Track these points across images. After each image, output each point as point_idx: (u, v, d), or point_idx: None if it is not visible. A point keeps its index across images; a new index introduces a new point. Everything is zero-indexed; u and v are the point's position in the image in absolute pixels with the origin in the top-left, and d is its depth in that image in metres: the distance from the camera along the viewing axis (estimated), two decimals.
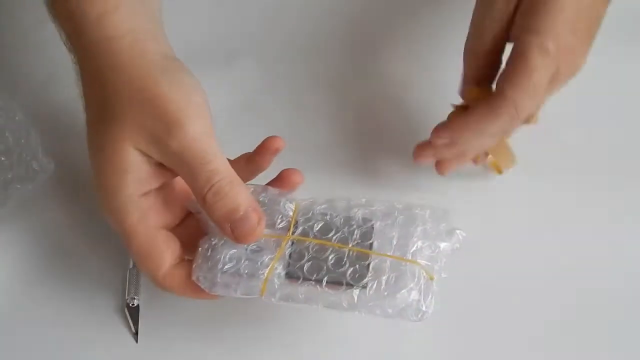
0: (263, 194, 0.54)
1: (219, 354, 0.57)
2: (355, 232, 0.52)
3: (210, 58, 0.62)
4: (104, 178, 0.51)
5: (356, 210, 0.53)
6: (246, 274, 0.51)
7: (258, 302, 0.57)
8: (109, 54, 0.52)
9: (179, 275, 0.52)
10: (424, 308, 0.50)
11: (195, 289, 0.52)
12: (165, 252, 0.52)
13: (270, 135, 0.56)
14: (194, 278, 0.52)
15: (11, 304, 0.59)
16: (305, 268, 0.51)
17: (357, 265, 0.51)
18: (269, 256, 0.51)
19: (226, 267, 0.51)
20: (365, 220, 0.53)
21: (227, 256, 0.51)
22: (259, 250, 0.52)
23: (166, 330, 0.58)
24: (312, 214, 0.53)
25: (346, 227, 0.52)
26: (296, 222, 0.53)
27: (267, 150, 0.56)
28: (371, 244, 0.52)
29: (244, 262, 0.51)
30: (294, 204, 0.54)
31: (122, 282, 0.59)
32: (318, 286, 0.50)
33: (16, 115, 0.62)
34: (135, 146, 0.50)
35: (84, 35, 0.53)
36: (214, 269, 0.51)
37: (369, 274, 0.50)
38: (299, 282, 0.51)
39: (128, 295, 0.58)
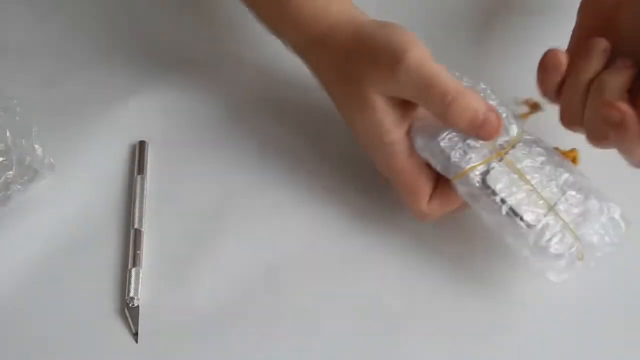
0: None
1: (219, 354, 0.57)
2: (549, 187, 0.56)
3: (209, 58, 0.62)
4: (367, 133, 0.57)
5: (562, 169, 0.57)
6: (455, 156, 0.55)
7: (258, 302, 0.57)
8: (343, 32, 0.58)
9: (438, 201, 0.58)
10: (566, 275, 0.54)
11: (451, 203, 0.58)
12: (428, 184, 0.58)
13: (269, 135, 0.56)
14: (413, 127, 0.57)
15: (10, 304, 0.59)
16: (500, 184, 0.55)
17: (536, 211, 0.54)
18: (478, 156, 0.55)
19: (442, 143, 0.56)
20: (564, 183, 0.56)
21: (450, 134, 0.56)
22: (472, 147, 0.56)
23: (166, 330, 0.58)
24: (530, 151, 0.57)
25: (546, 178, 0.56)
26: (513, 146, 0.57)
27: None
28: (555, 204, 0.55)
29: (457, 148, 0.55)
30: (518, 128, 0.57)
31: (122, 282, 0.59)
32: (501, 205, 0.54)
33: (16, 115, 0.62)
34: (378, 92, 0.55)
35: (317, 26, 0.59)
36: (434, 133, 0.56)
37: (541, 222, 0.54)
38: (488, 192, 0.55)
39: (128, 295, 0.58)
